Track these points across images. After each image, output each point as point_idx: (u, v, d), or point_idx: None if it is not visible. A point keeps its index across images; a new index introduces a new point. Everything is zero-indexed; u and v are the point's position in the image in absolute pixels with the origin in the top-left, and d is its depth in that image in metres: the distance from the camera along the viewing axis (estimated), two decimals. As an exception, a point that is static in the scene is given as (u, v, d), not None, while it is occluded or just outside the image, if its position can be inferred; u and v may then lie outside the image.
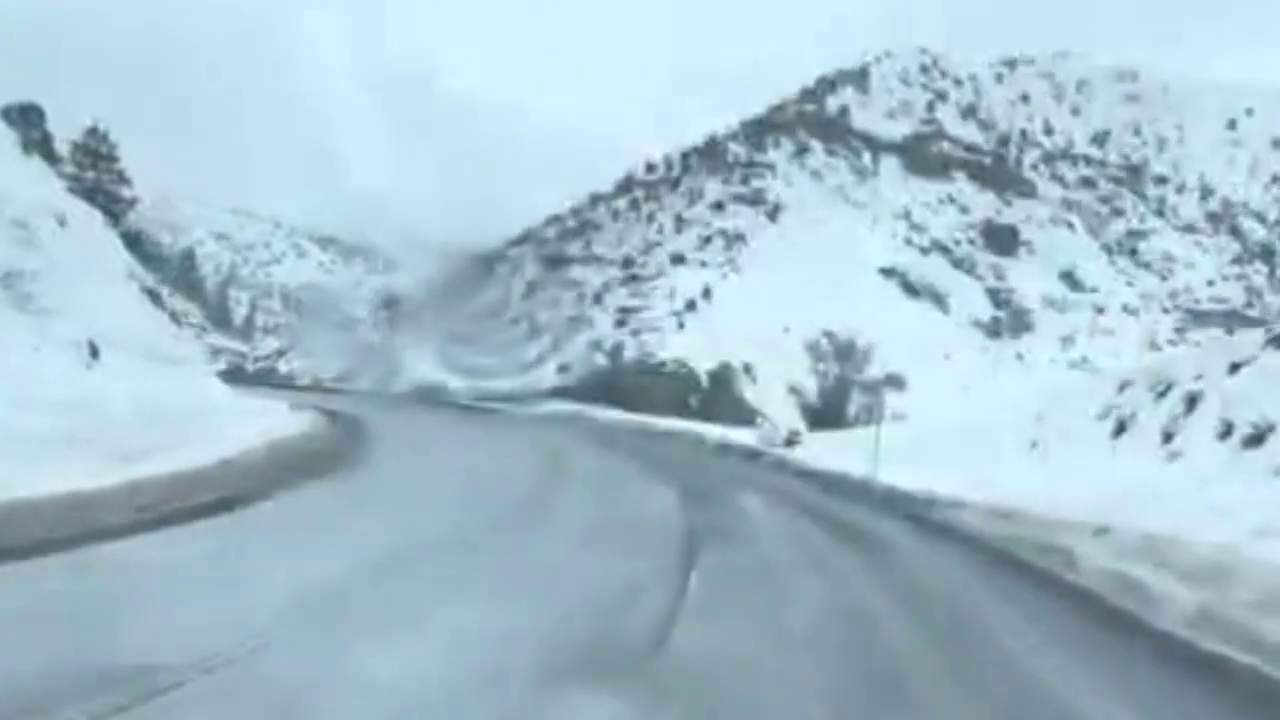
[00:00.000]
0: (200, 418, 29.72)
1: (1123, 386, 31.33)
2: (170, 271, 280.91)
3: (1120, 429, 28.50)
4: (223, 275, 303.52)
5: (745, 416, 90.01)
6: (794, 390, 60.81)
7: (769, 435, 47.66)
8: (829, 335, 59.20)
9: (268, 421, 33.04)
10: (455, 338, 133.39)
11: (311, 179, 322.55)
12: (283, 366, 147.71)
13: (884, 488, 29.58)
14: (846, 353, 57.11)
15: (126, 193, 43.43)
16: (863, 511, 23.08)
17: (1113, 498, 23.37)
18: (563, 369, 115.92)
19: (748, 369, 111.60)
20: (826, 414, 55.29)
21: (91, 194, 46.39)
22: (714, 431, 50.01)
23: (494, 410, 74.85)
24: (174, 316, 41.49)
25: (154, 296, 39.62)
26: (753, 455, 41.53)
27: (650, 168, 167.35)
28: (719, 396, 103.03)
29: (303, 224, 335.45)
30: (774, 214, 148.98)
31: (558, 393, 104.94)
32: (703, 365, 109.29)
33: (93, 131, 50.51)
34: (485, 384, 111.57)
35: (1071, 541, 17.57)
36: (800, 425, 54.90)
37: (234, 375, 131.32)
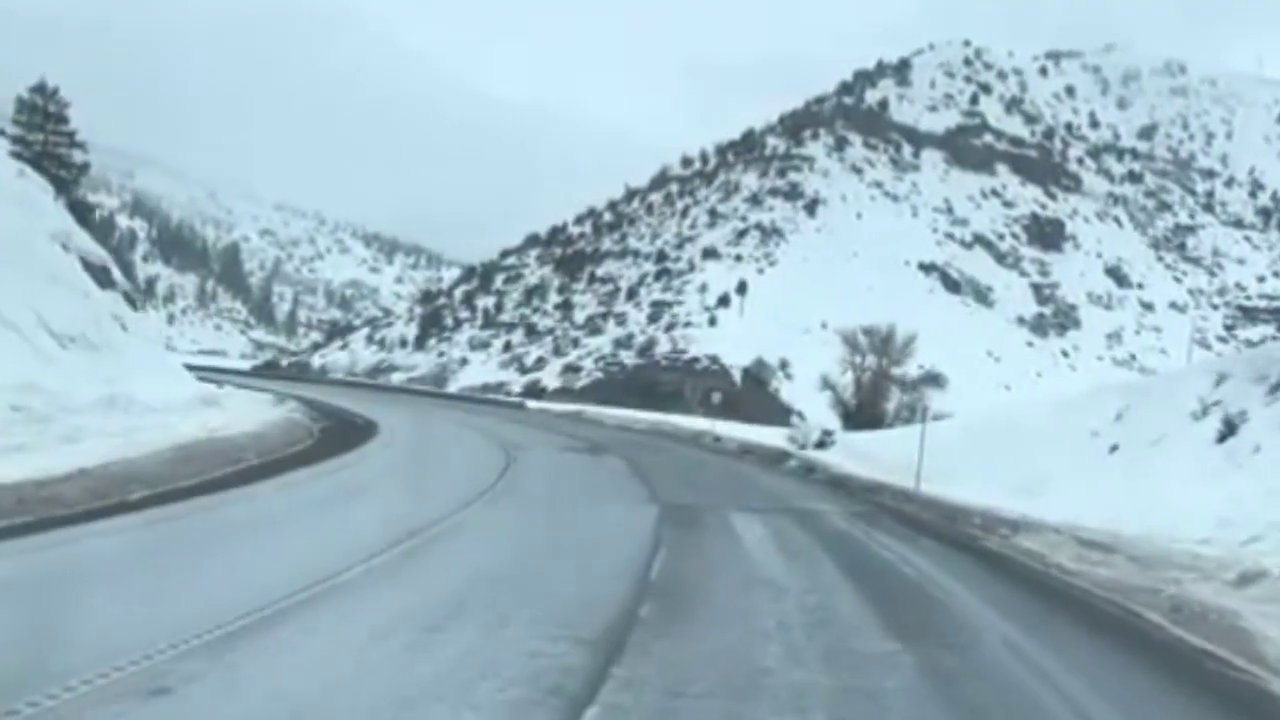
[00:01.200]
0: (99, 414, 24.38)
1: (1220, 379, 25.31)
2: (214, 267, 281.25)
3: (1229, 430, 22.46)
4: (267, 271, 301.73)
5: (779, 415, 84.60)
6: (829, 385, 54.59)
7: (799, 436, 41.82)
8: (867, 329, 52.96)
9: (212, 418, 27.72)
10: (479, 338, 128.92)
11: (356, 176, 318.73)
12: (317, 361, 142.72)
13: (930, 502, 23.79)
14: (884, 345, 50.99)
15: (78, 157, 37.72)
16: (904, 544, 17.05)
17: (1242, 521, 17.48)
18: (577, 368, 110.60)
19: (783, 365, 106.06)
20: (863, 412, 49.20)
21: (39, 159, 40.92)
22: (736, 432, 44.18)
23: (510, 407, 69.20)
24: (130, 297, 35.95)
25: (103, 274, 34.23)
26: (778, 459, 35.71)
27: (686, 162, 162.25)
28: (752, 394, 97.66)
29: (347, 220, 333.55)
30: (812, 208, 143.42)
31: (584, 391, 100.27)
32: (736, 361, 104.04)
33: (40, 89, 44.79)
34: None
35: (1220, 598, 11.65)
36: (835, 424, 48.96)
37: (266, 370, 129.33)
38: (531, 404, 71.40)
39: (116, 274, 33.96)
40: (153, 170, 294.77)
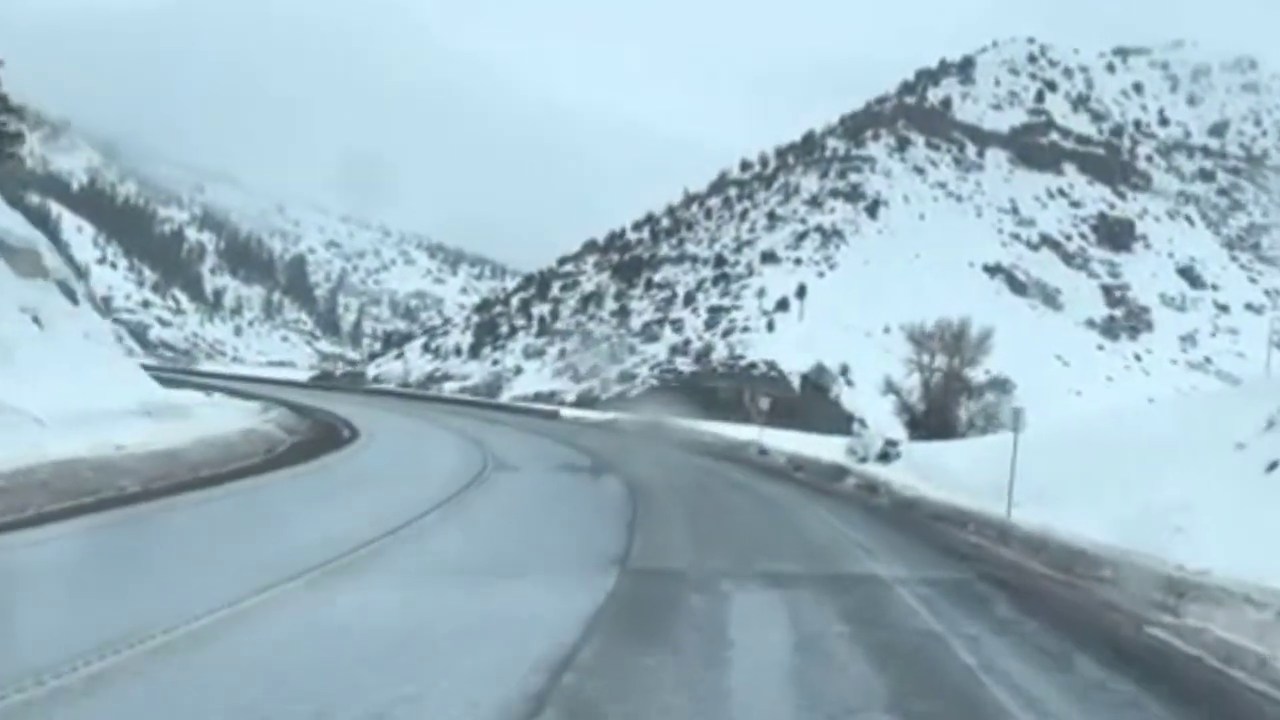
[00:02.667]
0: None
1: None
2: (281, 279, 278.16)
3: None
4: (333, 283, 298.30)
5: (840, 422, 78.45)
6: (892, 389, 47.81)
7: (859, 447, 35.36)
8: (937, 325, 46.19)
9: (135, 433, 22.08)
10: (533, 346, 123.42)
11: (420, 188, 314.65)
12: (372, 371, 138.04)
13: (1032, 541, 17.43)
14: (956, 343, 44.34)
15: (13, 126, 31.80)
16: (1010, 632, 10.50)
17: None
18: (632, 376, 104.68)
19: (843, 371, 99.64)
20: (932, 419, 42.57)
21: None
22: (788, 443, 37.72)
23: (542, 416, 63.27)
24: (68, 288, 30.14)
25: (28, 261, 28.48)
26: (833, 476, 29.36)
27: (745, 165, 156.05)
28: (812, 401, 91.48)
29: (412, 232, 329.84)
30: (873, 209, 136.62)
31: (638, 400, 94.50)
32: (794, 367, 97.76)
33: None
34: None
35: None
36: (900, 433, 42.45)
37: (320, 380, 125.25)
38: (567, 413, 65.06)
39: (50, 261, 28.05)
40: (221, 184, 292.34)
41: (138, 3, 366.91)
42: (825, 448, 36.87)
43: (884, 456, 34.57)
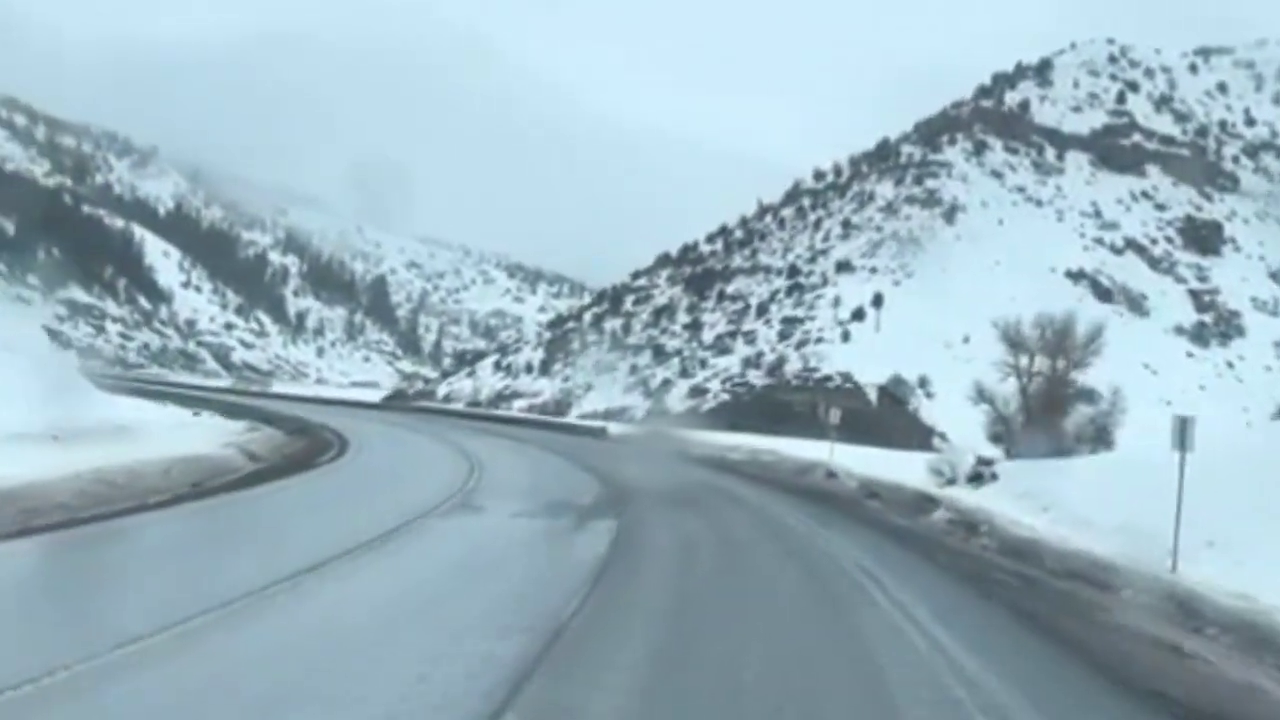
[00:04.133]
0: None
1: None
2: (362, 300, 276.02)
3: None
4: (414, 303, 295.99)
5: (920, 436, 72.67)
6: (984, 398, 40.65)
7: (945, 466, 28.77)
8: (1042, 322, 39.15)
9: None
10: (605, 362, 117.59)
11: (499, 208, 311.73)
12: (443, 389, 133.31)
13: (1241, 625, 10.95)
14: (1061, 342, 37.36)
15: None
16: None
17: None
18: (703, 390, 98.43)
19: (922, 383, 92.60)
20: (1033, 433, 35.69)
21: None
22: (862, 463, 30.93)
23: (589, 435, 57.09)
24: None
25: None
26: (916, 507, 22.78)
27: (819, 175, 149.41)
28: (889, 413, 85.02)
29: (491, 251, 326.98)
30: (950, 215, 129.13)
31: (710, 414, 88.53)
32: (871, 379, 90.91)
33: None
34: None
35: None
36: (987, 448, 35.78)
37: (393, 399, 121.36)
38: (617, 429, 58.67)
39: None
40: (304, 207, 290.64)
41: (223, 33, 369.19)
42: (905, 467, 30.24)
43: (976, 478, 28.07)
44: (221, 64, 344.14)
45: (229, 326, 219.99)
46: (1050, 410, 36.39)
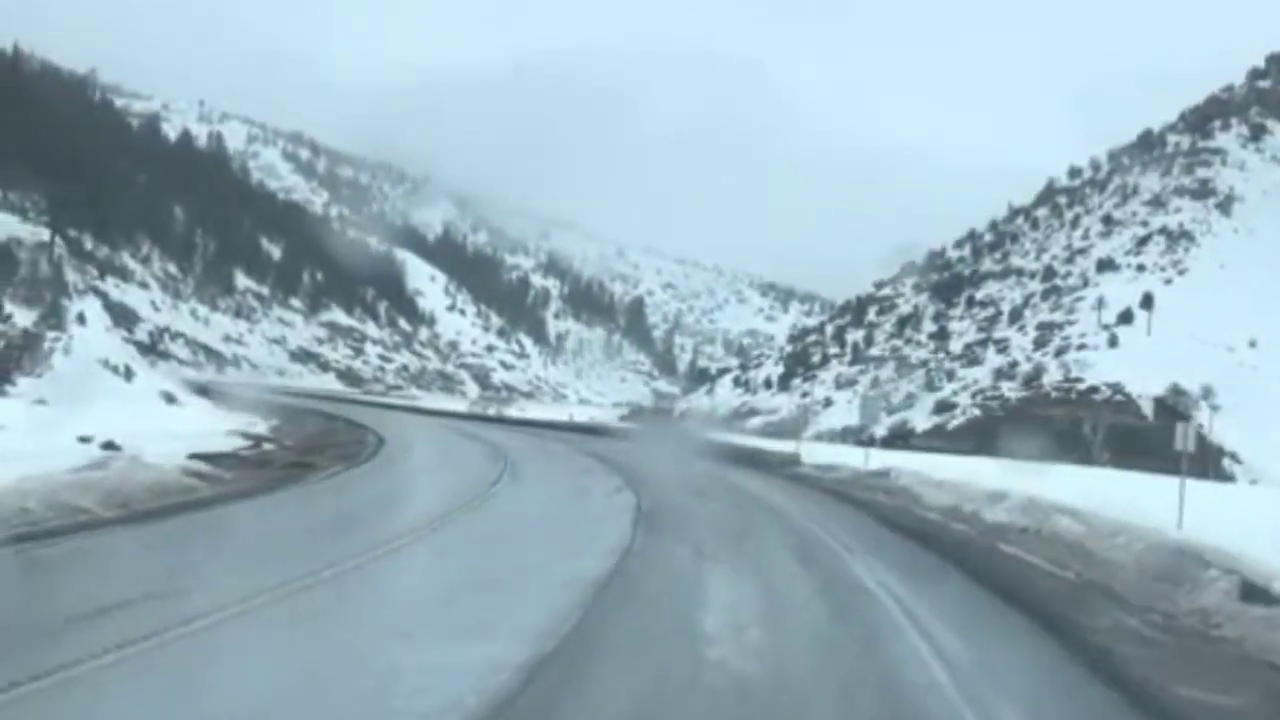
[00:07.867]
0: None
1: None
2: (620, 321, 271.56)
3: None
4: (669, 323, 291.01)
5: (1208, 458, 57.92)
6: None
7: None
8: None
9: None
10: (845, 376, 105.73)
11: (752, 228, 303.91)
12: (680, 406, 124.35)
13: None
14: None
15: None
16: None
17: None
18: (951, 405, 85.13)
19: (1206, 394, 76.24)
20: None
21: None
22: (1138, 508, 16.72)
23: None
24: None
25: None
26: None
27: (1074, 173, 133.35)
28: (1168, 430, 69.87)
29: (744, 271, 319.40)
30: (1226, 206, 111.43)
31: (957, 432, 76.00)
32: (1144, 390, 75.54)
33: None
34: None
35: None
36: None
37: (629, 416, 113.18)
38: (814, 454, 43.57)
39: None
40: (566, 231, 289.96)
41: (493, 63, 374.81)
42: (1214, 519, 16.68)
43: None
44: (489, 91, 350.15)
45: (490, 348, 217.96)
46: None
